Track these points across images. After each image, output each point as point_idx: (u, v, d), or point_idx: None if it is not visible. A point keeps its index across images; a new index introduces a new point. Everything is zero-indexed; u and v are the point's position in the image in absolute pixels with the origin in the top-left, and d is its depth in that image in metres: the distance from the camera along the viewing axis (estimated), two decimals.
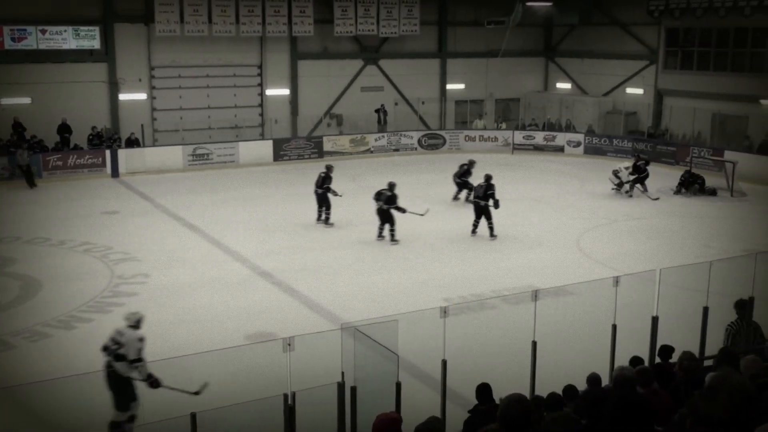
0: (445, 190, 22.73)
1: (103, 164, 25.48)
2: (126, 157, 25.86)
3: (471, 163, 21.80)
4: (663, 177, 24.42)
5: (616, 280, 9.25)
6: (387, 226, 17.63)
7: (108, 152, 25.63)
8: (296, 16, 28.74)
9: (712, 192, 23.00)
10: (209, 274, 15.38)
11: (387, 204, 17.55)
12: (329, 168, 19.94)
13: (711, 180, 23.59)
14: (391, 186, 17.85)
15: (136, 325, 9.20)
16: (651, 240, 17.89)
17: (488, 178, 18.13)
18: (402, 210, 17.64)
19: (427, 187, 23.94)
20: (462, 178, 21.57)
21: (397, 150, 30.47)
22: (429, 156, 30.15)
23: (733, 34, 27.54)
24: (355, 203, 21.39)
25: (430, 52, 32.80)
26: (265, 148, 28.35)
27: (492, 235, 17.77)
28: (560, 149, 30.50)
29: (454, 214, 20.39)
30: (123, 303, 13.74)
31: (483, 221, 17.90)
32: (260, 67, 29.65)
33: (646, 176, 22.76)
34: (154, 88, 27.90)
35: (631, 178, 22.67)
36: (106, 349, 9.21)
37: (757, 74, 26.89)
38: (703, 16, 27.69)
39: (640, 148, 27.01)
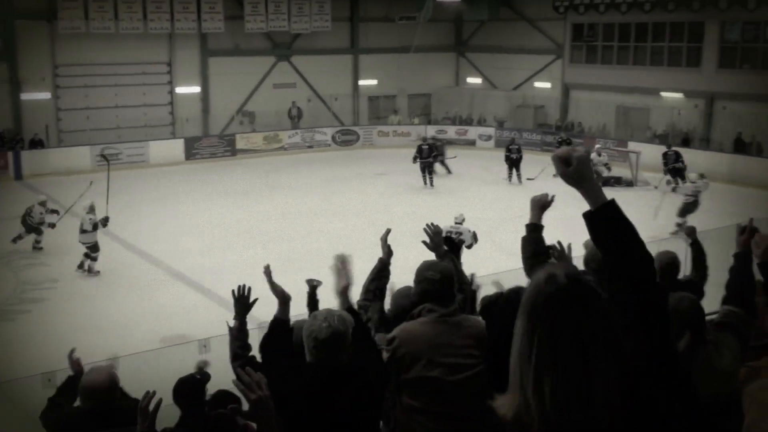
0: (360, 184, 22.85)
1: (6, 166, 24.57)
2: (30, 158, 25.01)
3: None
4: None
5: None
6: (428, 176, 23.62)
7: (10, 154, 24.73)
8: (206, 12, 28.30)
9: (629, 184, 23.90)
10: (121, 277, 15.06)
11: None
12: (425, 139, 25.45)
13: (616, 170, 24.39)
14: (425, 139, 24.94)
15: (461, 222, 14.58)
16: (557, 230, 18.30)
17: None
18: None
19: (342, 183, 24.02)
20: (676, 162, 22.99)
21: (311, 147, 30.40)
22: (343, 152, 30.20)
23: (635, 29, 28.53)
24: (269, 202, 21.33)
25: (342, 48, 32.81)
26: (177, 147, 27.86)
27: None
28: (472, 143, 31.01)
29: (344, 215, 20.51)
30: (30, 310, 13.35)
31: None
32: (170, 64, 29.08)
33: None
34: (59, 87, 27.01)
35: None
36: (448, 239, 11.96)
37: (657, 68, 27.95)
38: (606, 12, 28.59)
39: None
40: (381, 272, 4.65)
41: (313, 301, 5.56)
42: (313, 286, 5.26)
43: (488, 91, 33.90)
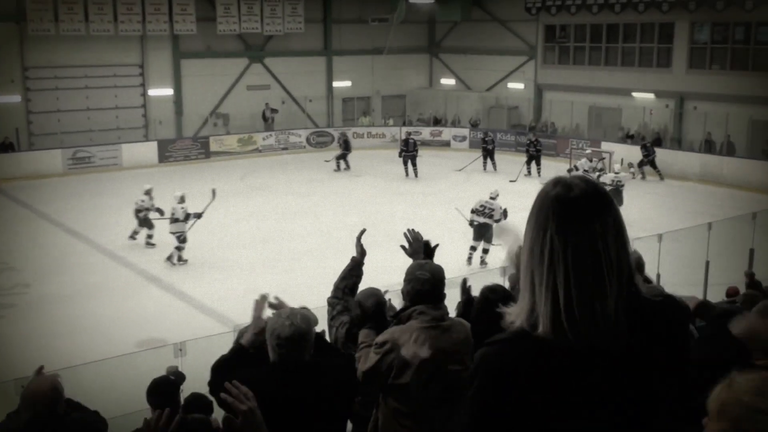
0: (335, 186, 22.83)
1: None
2: (0, 162, 24.68)
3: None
4: (544, 168, 25.24)
5: (504, 270, 9.55)
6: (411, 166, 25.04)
7: None
8: (177, 14, 28.10)
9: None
10: (94, 280, 14.91)
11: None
12: (409, 133, 27.06)
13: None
14: (409, 133, 26.83)
15: (495, 197, 15.81)
16: None
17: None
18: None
19: (317, 184, 23.99)
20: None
21: (285, 149, 30.31)
22: (318, 154, 30.13)
23: (606, 30, 28.80)
24: (245, 204, 21.25)
25: (316, 49, 32.76)
26: (150, 149, 27.64)
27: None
28: (446, 144, 31.10)
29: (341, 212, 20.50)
30: (2, 315, 13.18)
31: None
32: (142, 66, 28.85)
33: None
34: (29, 89, 26.69)
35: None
36: (478, 212, 15.73)
37: (628, 68, 28.23)
38: (577, 12, 28.81)
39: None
40: (352, 271, 4.66)
41: None
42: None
43: (462, 92, 34.03)
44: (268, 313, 3.66)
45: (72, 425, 4.00)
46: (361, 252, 4.69)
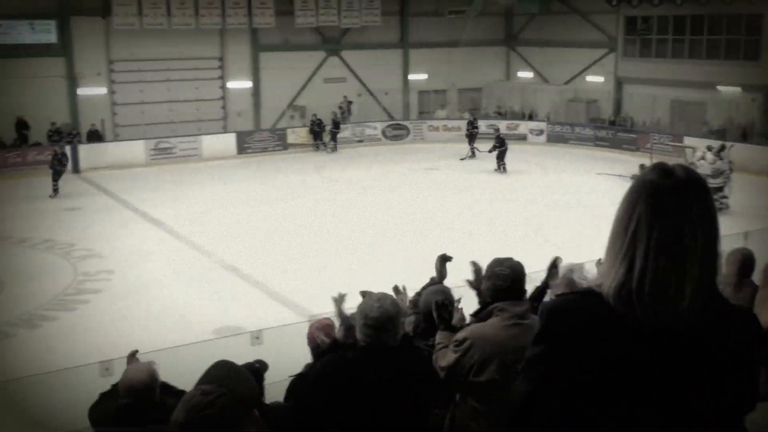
0: (411, 180, 22.81)
1: None
2: (87, 152, 25.52)
3: None
4: (624, 164, 24.67)
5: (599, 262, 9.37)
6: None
7: (69, 148, 25.25)
8: (256, 7, 28.51)
9: None
10: (174, 268, 15.26)
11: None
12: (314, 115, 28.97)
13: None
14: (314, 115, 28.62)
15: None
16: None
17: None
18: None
19: (393, 178, 24.00)
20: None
21: (361, 141, 30.44)
22: (393, 146, 30.18)
23: (690, 21, 27.93)
24: (322, 197, 21.42)
25: (392, 42, 32.77)
26: (228, 141, 28.16)
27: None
28: (523, 138, 30.69)
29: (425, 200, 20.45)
30: (88, 300, 13.62)
31: None
32: (221, 59, 29.40)
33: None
34: (114, 82, 27.53)
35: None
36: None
37: (713, 61, 27.31)
38: (660, 4, 28.01)
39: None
40: (426, 289, 4.94)
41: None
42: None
43: (539, 86, 33.54)
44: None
45: (167, 412, 4.10)
46: (441, 277, 4.86)
